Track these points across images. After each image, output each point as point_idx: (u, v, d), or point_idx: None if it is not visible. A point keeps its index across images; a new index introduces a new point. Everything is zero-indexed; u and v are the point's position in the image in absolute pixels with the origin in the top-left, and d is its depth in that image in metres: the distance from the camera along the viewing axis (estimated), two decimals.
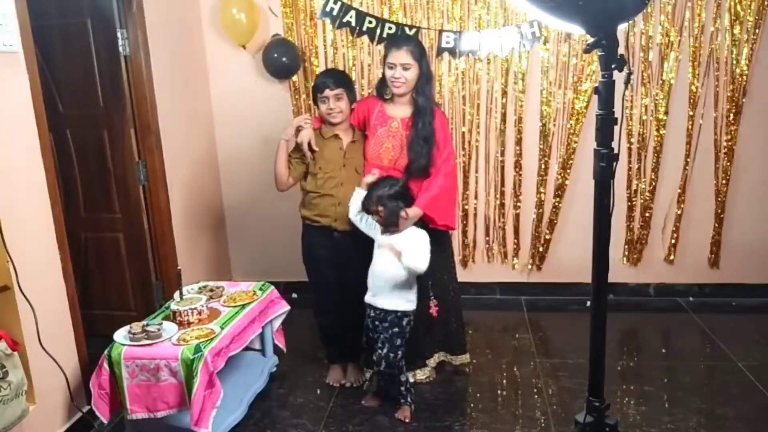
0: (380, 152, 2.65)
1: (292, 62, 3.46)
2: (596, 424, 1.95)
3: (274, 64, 3.46)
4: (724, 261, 3.64)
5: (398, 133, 2.64)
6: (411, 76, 2.57)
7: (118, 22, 2.90)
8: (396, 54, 2.56)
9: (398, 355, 2.53)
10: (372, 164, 2.65)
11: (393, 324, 2.51)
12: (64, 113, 3.10)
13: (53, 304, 2.36)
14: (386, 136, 2.64)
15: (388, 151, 2.65)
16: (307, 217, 2.73)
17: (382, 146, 2.65)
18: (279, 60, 3.44)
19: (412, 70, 2.56)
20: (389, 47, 2.63)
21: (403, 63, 2.55)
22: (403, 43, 2.60)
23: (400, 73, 2.56)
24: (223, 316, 2.50)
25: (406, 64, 2.55)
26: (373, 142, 2.67)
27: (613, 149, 1.79)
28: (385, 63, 2.60)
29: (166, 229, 3.16)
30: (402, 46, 2.57)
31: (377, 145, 2.66)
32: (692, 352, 3.08)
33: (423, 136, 2.59)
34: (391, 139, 2.64)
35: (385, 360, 2.52)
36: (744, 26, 3.30)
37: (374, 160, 2.66)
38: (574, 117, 3.48)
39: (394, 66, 2.56)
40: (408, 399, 2.59)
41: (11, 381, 1.96)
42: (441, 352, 2.90)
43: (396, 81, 2.57)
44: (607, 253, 1.89)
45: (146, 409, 2.27)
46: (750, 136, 3.45)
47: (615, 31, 1.72)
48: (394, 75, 2.56)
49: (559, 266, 3.73)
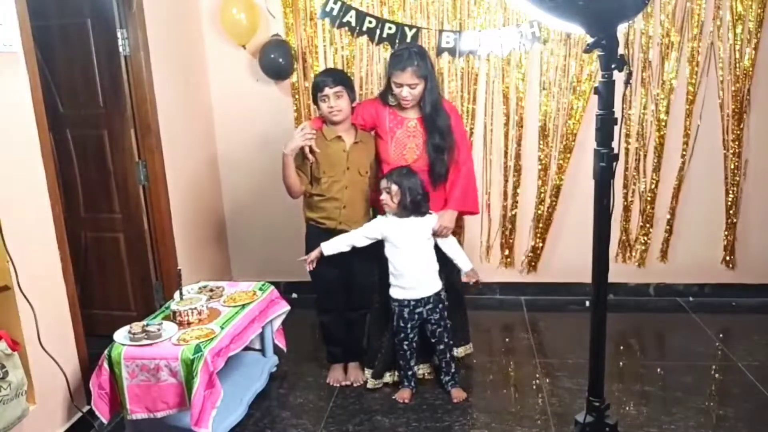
0: (404, 153, 2.69)
1: (288, 63, 3.46)
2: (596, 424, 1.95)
3: (270, 65, 3.46)
4: (724, 261, 3.64)
5: (417, 131, 2.68)
6: (418, 92, 2.61)
7: (118, 22, 2.90)
8: (401, 75, 2.57)
9: (449, 323, 2.71)
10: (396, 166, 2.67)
11: (437, 303, 2.65)
12: (64, 113, 3.10)
13: (53, 304, 2.36)
14: (406, 136, 2.68)
15: (412, 150, 2.69)
16: (313, 219, 2.73)
17: (405, 147, 2.69)
18: (275, 61, 3.44)
19: (419, 86, 2.60)
20: (393, 66, 2.60)
21: (410, 83, 2.58)
22: (407, 64, 2.55)
23: (407, 92, 2.59)
24: (223, 316, 2.50)
25: (413, 84, 2.58)
26: (394, 145, 2.69)
27: (613, 149, 1.79)
28: (391, 80, 2.62)
29: (166, 229, 3.16)
30: (407, 68, 2.55)
31: (400, 147, 2.69)
32: (692, 352, 3.08)
33: (434, 145, 2.64)
34: (413, 138, 2.68)
35: (447, 332, 2.69)
36: (746, 26, 3.30)
37: (398, 161, 2.70)
38: (574, 117, 3.48)
39: (401, 86, 2.59)
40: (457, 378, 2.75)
41: (11, 381, 1.96)
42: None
43: (404, 100, 2.62)
44: (607, 253, 1.89)
45: (146, 409, 2.27)
46: (757, 135, 3.45)
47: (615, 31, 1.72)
48: (401, 94, 2.60)
49: (558, 266, 3.73)
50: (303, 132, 2.60)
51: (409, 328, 2.65)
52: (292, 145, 2.59)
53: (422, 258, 2.62)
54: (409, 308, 2.63)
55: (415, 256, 2.61)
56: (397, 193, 2.55)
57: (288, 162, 2.62)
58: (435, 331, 2.68)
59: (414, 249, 2.60)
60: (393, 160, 2.70)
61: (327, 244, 2.64)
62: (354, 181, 2.69)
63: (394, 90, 2.62)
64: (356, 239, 2.64)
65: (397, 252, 2.61)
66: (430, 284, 2.64)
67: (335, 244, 2.64)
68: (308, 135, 2.59)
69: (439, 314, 2.66)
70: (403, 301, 2.63)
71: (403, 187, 2.54)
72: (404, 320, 2.64)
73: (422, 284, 2.62)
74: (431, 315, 2.65)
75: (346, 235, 2.65)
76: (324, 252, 2.64)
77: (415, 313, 2.63)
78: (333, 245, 2.64)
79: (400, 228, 2.60)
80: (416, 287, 2.62)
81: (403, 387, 2.72)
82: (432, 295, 2.64)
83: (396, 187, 2.55)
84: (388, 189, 2.57)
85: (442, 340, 2.69)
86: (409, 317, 2.63)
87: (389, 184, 2.57)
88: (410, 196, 2.55)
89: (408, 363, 2.70)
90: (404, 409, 2.63)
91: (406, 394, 2.69)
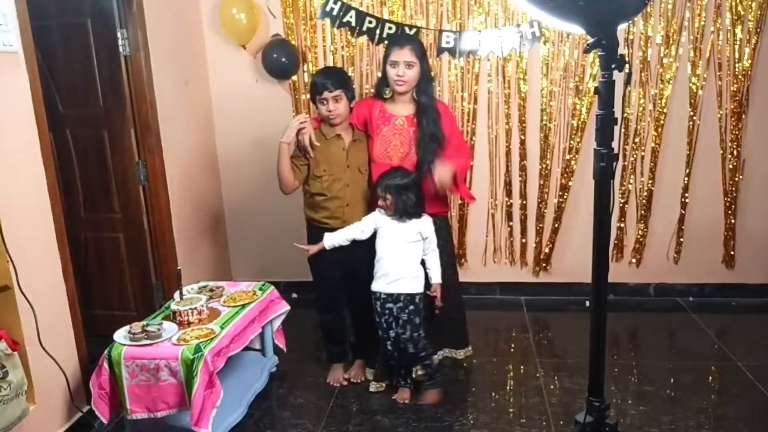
0: (388, 151, 2.68)
1: (292, 63, 3.46)
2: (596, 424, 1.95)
3: (273, 64, 3.46)
4: (723, 261, 3.64)
5: (404, 129, 2.67)
6: (413, 74, 2.60)
7: (118, 22, 2.89)
8: (399, 52, 2.59)
9: (421, 334, 2.63)
10: (381, 164, 2.67)
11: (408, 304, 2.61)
12: (64, 113, 3.10)
13: (53, 304, 2.35)
14: (392, 134, 2.66)
15: (397, 148, 2.67)
16: (315, 219, 2.73)
17: (389, 144, 2.68)
18: (278, 60, 3.44)
19: (415, 68, 2.60)
20: (391, 45, 2.66)
21: (407, 61, 2.58)
22: (405, 41, 2.65)
23: (403, 71, 2.59)
24: (223, 316, 2.50)
25: (410, 62, 2.58)
26: (379, 142, 2.68)
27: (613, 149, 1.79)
28: (387, 61, 2.63)
29: (166, 229, 3.16)
30: (405, 45, 2.61)
31: (384, 144, 2.68)
32: (692, 352, 3.08)
33: (429, 134, 2.63)
34: (398, 136, 2.66)
35: (412, 342, 2.61)
36: (745, 26, 3.30)
37: (383, 159, 2.68)
38: (575, 117, 3.48)
39: (397, 64, 2.59)
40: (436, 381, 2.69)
41: (11, 381, 1.96)
42: (445, 348, 2.94)
43: (399, 79, 2.60)
44: (607, 253, 1.89)
45: (146, 409, 2.27)
46: (756, 135, 3.45)
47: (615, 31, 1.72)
48: (397, 73, 2.60)
49: (559, 266, 3.73)
50: (298, 119, 2.62)
51: (383, 324, 2.65)
52: (289, 132, 2.61)
53: (404, 254, 2.61)
54: (380, 301, 2.64)
55: (397, 249, 2.60)
56: (392, 204, 2.57)
57: (283, 150, 2.63)
58: (401, 335, 2.62)
59: (398, 243, 2.60)
60: (378, 157, 2.69)
61: (328, 238, 2.64)
62: (355, 179, 2.69)
63: (389, 73, 2.62)
64: (355, 233, 2.65)
65: (382, 241, 2.63)
66: (405, 283, 2.61)
67: (336, 238, 2.65)
68: (302, 120, 2.61)
69: (408, 317, 2.61)
70: (376, 293, 2.65)
71: (398, 201, 2.55)
72: (378, 314, 2.65)
73: (397, 279, 2.60)
74: (400, 314, 2.62)
75: (345, 229, 2.66)
76: (326, 246, 2.64)
77: (385, 308, 2.63)
78: (334, 239, 2.65)
79: (392, 223, 2.62)
80: (388, 274, 2.60)
81: (401, 387, 2.71)
82: (404, 294, 2.61)
83: (391, 198, 2.56)
84: (384, 198, 2.58)
85: (408, 349, 2.62)
86: (381, 311, 2.64)
87: (385, 194, 2.57)
88: (404, 207, 2.56)
89: (398, 362, 2.68)
90: (404, 409, 2.63)
91: (405, 394, 2.69)
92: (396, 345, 2.65)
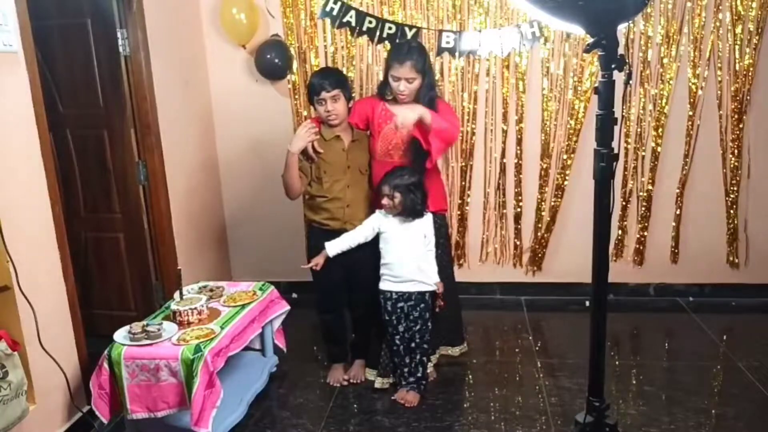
0: (390, 149, 2.68)
1: (284, 64, 3.45)
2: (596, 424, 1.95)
3: (265, 64, 3.46)
4: (724, 261, 3.64)
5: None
6: (415, 86, 2.61)
7: (118, 22, 2.89)
8: (400, 69, 2.57)
9: (429, 327, 2.67)
10: (382, 162, 2.67)
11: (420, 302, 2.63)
12: (64, 113, 3.10)
13: (53, 304, 2.35)
14: (393, 132, 2.66)
15: (398, 147, 2.67)
16: (315, 221, 2.73)
17: (391, 143, 2.68)
18: (272, 61, 3.44)
19: (416, 81, 2.60)
20: (392, 59, 2.62)
21: (408, 77, 2.58)
22: (406, 56, 2.57)
23: (404, 86, 2.59)
24: (223, 316, 2.50)
25: (410, 78, 2.58)
26: (380, 141, 2.69)
27: (613, 149, 1.79)
28: (389, 72, 2.62)
29: (166, 229, 3.16)
30: (405, 61, 2.56)
31: (386, 143, 2.68)
32: (692, 352, 3.08)
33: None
34: (399, 134, 2.66)
35: (420, 334, 2.64)
36: (745, 26, 3.30)
37: (384, 157, 2.69)
38: (575, 117, 3.48)
39: (398, 79, 2.59)
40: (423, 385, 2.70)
41: (11, 381, 1.96)
42: (442, 346, 2.97)
43: (401, 94, 2.61)
44: (607, 253, 1.90)
45: (146, 408, 2.27)
46: (756, 135, 3.45)
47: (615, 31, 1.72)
48: (398, 88, 2.60)
49: (559, 266, 3.73)
50: (306, 129, 2.60)
51: (394, 322, 2.65)
52: (299, 143, 2.58)
53: (412, 255, 2.61)
54: (391, 301, 2.64)
55: (405, 249, 2.61)
56: (400, 203, 2.56)
57: (293, 161, 2.61)
58: (412, 328, 2.66)
59: (405, 243, 2.60)
60: (379, 156, 2.70)
61: (330, 246, 2.64)
62: (355, 180, 2.69)
63: (391, 84, 2.62)
64: (357, 237, 2.65)
65: (389, 245, 2.62)
66: (417, 282, 2.63)
67: (338, 244, 2.65)
68: (312, 131, 2.59)
69: (419, 313, 2.64)
70: (386, 293, 2.65)
71: (407, 200, 2.54)
72: (388, 313, 2.66)
73: (410, 279, 2.62)
74: (412, 311, 2.64)
75: (347, 235, 2.65)
76: (329, 254, 2.65)
77: (397, 307, 2.64)
78: (336, 246, 2.65)
79: (396, 224, 2.61)
80: (401, 276, 2.61)
81: (402, 388, 2.71)
82: (416, 292, 2.63)
83: (399, 197, 2.55)
84: (390, 196, 2.56)
85: (414, 339, 2.66)
86: (392, 310, 2.65)
87: (393, 193, 2.56)
88: (412, 206, 2.56)
89: (403, 360, 2.69)
90: (404, 409, 2.63)
91: (409, 397, 2.67)
92: (403, 339, 2.66)
